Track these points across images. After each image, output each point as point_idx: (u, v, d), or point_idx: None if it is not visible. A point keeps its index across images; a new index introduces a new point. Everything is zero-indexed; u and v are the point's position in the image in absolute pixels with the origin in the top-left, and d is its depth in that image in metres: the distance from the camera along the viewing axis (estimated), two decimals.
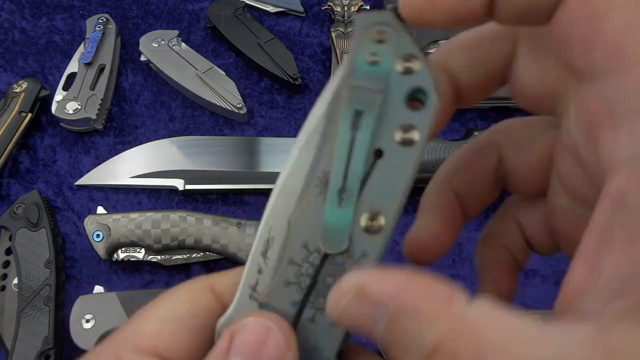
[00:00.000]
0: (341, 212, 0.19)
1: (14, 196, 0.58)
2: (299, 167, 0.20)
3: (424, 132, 0.19)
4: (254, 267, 0.20)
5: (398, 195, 0.19)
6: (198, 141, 0.60)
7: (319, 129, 0.20)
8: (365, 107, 0.19)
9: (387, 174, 0.19)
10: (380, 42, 0.19)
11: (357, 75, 0.19)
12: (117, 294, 0.48)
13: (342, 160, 0.19)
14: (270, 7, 0.72)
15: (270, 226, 0.20)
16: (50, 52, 0.69)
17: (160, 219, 0.51)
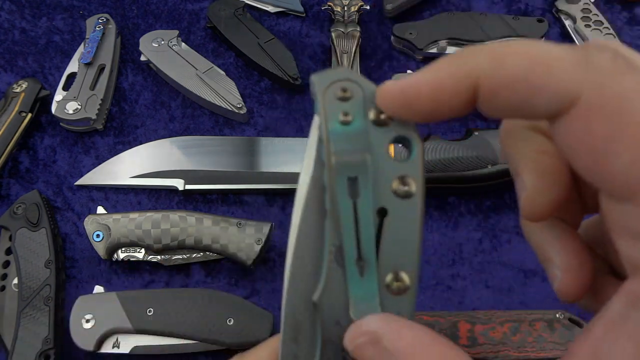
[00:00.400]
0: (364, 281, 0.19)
1: (14, 196, 0.58)
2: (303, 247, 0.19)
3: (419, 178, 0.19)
4: (288, 355, 0.20)
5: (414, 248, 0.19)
6: (198, 141, 0.60)
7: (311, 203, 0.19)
8: (357, 172, 0.18)
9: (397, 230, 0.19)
10: (345, 99, 0.19)
11: (335, 139, 0.19)
12: (117, 294, 0.48)
13: (350, 230, 0.18)
14: (270, 7, 0.71)
15: (293, 312, 0.20)
16: (50, 52, 0.69)
17: (160, 219, 0.51)
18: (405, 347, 0.17)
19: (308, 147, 0.20)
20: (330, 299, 0.19)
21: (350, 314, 0.19)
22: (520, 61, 0.17)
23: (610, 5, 0.71)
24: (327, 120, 0.19)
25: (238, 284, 0.53)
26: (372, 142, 0.19)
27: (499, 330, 0.46)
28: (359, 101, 0.19)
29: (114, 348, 0.47)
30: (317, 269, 0.19)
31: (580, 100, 0.16)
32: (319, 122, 0.19)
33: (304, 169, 0.20)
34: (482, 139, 0.55)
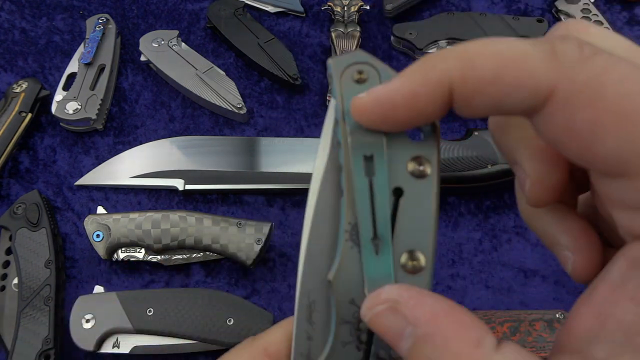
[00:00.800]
0: (380, 260, 0.19)
1: (14, 196, 0.58)
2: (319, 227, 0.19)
3: (434, 159, 0.19)
4: (302, 335, 0.19)
5: (429, 228, 0.19)
6: (198, 141, 0.60)
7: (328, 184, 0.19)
8: (373, 150, 0.19)
9: (413, 210, 0.19)
10: (361, 82, 0.19)
11: (349, 121, 0.19)
12: (117, 294, 0.48)
13: (366, 208, 0.19)
14: (270, 7, 0.71)
15: (308, 291, 0.20)
16: (50, 52, 0.69)
17: (160, 219, 0.51)
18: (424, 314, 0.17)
19: (324, 129, 0.20)
20: (345, 278, 0.19)
21: (365, 292, 0.19)
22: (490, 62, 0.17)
23: (610, 5, 0.71)
24: (343, 102, 0.19)
25: (238, 284, 0.53)
26: None
27: (499, 330, 0.46)
28: (375, 83, 0.19)
29: (114, 348, 0.47)
30: (332, 249, 0.19)
31: (555, 93, 0.17)
32: (335, 104, 0.19)
33: (320, 150, 0.20)
34: (482, 139, 0.55)
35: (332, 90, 0.20)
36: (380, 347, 0.19)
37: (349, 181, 0.19)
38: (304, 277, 0.20)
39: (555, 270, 0.52)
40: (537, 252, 0.53)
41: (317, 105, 0.63)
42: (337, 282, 0.19)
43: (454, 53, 0.18)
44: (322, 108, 0.63)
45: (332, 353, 0.19)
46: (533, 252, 0.53)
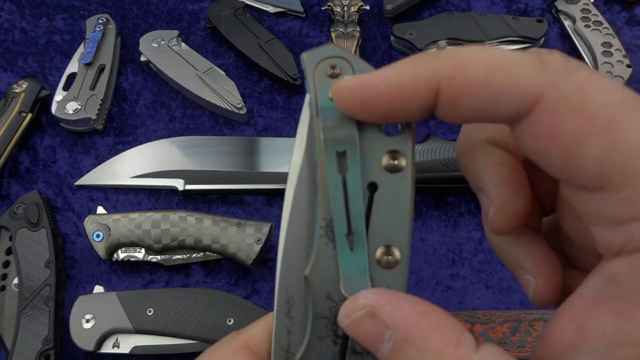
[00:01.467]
0: (354, 255, 0.19)
1: (14, 196, 0.58)
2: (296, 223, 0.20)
3: (409, 153, 0.19)
4: (281, 330, 0.20)
5: (404, 222, 0.19)
6: (198, 141, 0.60)
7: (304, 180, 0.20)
8: (346, 146, 0.19)
9: (387, 205, 0.19)
10: (335, 76, 0.19)
11: (325, 115, 0.19)
12: (117, 294, 0.48)
13: (340, 204, 0.19)
14: (270, 7, 0.72)
15: (286, 286, 0.20)
16: (50, 52, 0.69)
17: (160, 219, 0.51)
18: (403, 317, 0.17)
19: (300, 126, 0.20)
20: (321, 273, 0.19)
21: (341, 287, 0.19)
22: (481, 66, 0.17)
23: (609, 6, 0.71)
24: (317, 97, 0.19)
25: (238, 284, 0.53)
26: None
27: (499, 330, 0.46)
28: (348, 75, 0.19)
29: (114, 348, 0.47)
30: (309, 245, 0.19)
31: (541, 101, 0.17)
32: (310, 99, 0.19)
33: (296, 147, 0.20)
34: None
35: (306, 85, 0.20)
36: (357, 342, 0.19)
37: (322, 177, 0.19)
38: (282, 273, 0.20)
39: None
40: None
41: None
42: (313, 278, 0.19)
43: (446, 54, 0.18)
44: None
45: (309, 347, 0.19)
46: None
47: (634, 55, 0.66)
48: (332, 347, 0.19)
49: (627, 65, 0.62)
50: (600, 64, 0.63)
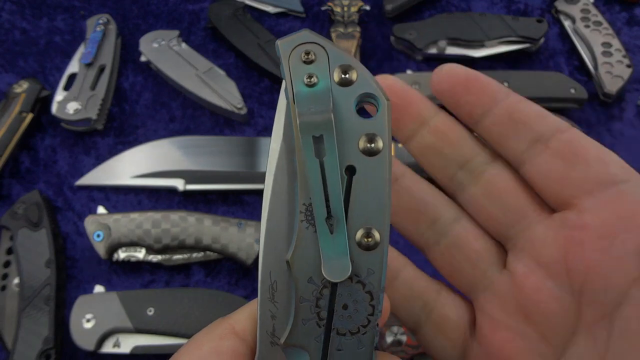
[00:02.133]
0: (335, 238, 0.19)
1: (15, 196, 0.58)
2: (276, 209, 0.20)
3: (386, 135, 0.19)
4: (266, 314, 0.20)
5: (383, 205, 0.19)
6: (198, 141, 0.60)
7: (283, 166, 0.20)
8: (322, 131, 0.19)
9: (365, 187, 0.19)
10: (309, 62, 0.19)
11: (300, 101, 0.19)
12: (117, 294, 0.48)
13: (318, 188, 0.19)
14: (271, 7, 0.72)
15: (269, 271, 0.20)
16: (50, 53, 0.69)
17: (160, 219, 0.51)
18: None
19: (277, 113, 0.20)
20: (303, 258, 0.19)
21: (322, 271, 0.19)
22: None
23: (609, 6, 0.71)
24: (292, 83, 0.19)
25: (238, 283, 0.53)
26: (338, 102, 0.19)
27: None
28: (323, 63, 0.19)
29: (114, 348, 0.47)
30: (289, 230, 0.20)
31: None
32: (285, 85, 0.19)
33: (274, 134, 0.20)
34: None
35: (282, 72, 0.20)
36: (340, 322, 0.19)
37: (300, 162, 0.19)
38: (265, 259, 0.20)
39: None
40: None
41: None
42: (294, 263, 0.19)
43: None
44: None
45: (294, 330, 0.19)
46: None
47: (634, 55, 0.66)
48: (316, 329, 0.19)
49: (627, 65, 0.63)
50: (600, 64, 0.63)
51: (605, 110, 0.63)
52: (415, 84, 0.61)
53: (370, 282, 0.19)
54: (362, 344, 0.19)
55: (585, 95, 0.60)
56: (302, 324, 0.19)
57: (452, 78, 0.23)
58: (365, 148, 0.19)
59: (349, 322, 0.19)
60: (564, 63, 0.67)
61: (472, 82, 0.23)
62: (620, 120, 0.62)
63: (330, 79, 0.19)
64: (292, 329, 0.19)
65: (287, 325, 0.20)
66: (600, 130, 0.61)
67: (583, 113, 0.62)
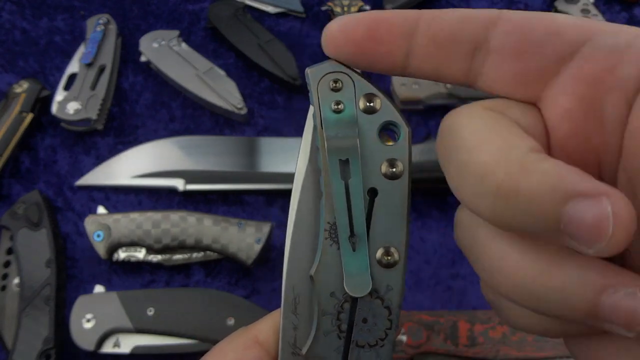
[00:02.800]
0: (356, 256, 0.20)
1: (15, 196, 0.58)
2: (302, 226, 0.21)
3: (406, 161, 0.20)
4: (288, 326, 0.21)
5: (402, 225, 0.20)
6: (198, 141, 0.60)
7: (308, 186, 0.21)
8: (348, 155, 0.20)
9: (386, 209, 0.20)
10: (337, 90, 0.21)
11: (328, 126, 0.20)
12: (118, 294, 0.48)
13: (343, 209, 0.20)
14: (271, 7, 0.72)
15: (292, 285, 0.21)
16: (50, 53, 0.69)
17: (160, 219, 0.51)
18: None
19: (304, 135, 0.21)
20: (326, 273, 0.20)
21: (344, 286, 0.20)
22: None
23: (609, 6, 0.71)
24: (321, 109, 0.20)
25: (238, 284, 0.53)
26: (362, 128, 0.20)
27: (499, 330, 0.46)
28: (349, 91, 0.21)
29: (114, 348, 0.47)
30: (313, 246, 0.21)
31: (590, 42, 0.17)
32: (314, 111, 0.21)
33: (301, 155, 0.21)
34: None
35: (311, 98, 0.21)
36: (359, 335, 0.20)
37: (327, 184, 0.20)
38: (289, 273, 0.21)
39: None
40: None
41: None
42: (318, 277, 0.20)
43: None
44: None
45: (315, 341, 0.21)
46: None
47: None
48: (337, 341, 0.21)
49: None
50: None
51: None
52: (415, 84, 0.61)
53: (389, 298, 0.20)
54: (379, 357, 0.20)
55: None
56: (323, 335, 0.21)
57: (350, 37, 0.19)
58: (387, 172, 0.20)
59: (368, 335, 0.20)
60: None
61: (376, 31, 0.19)
62: None
63: (355, 107, 0.20)
64: (314, 340, 0.21)
65: (309, 336, 0.21)
66: None
67: None
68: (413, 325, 0.46)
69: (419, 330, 0.46)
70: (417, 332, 0.46)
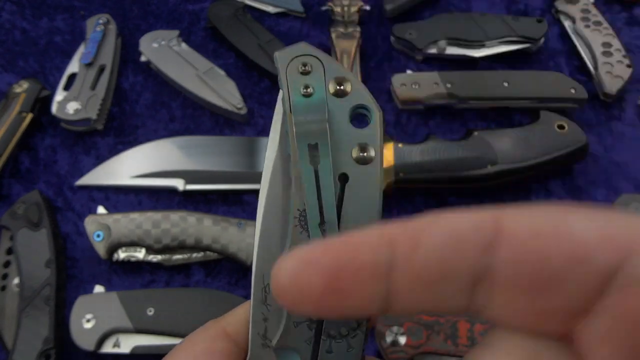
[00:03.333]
0: None
1: (15, 196, 0.58)
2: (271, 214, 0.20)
3: (377, 145, 0.20)
4: (258, 316, 0.21)
5: (374, 211, 0.20)
6: (198, 141, 0.60)
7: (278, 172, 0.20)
8: (317, 139, 0.19)
9: (357, 195, 0.20)
10: (306, 73, 0.20)
11: (297, 110, 0.20)
12: (117, 294, 0.48)
13: (312, 195, 0.19)
14: (271, 7, 0.72)
15: (262, 274, 0.21)
16: (50, 53, 0.69)
17: (160, 219, 0.51)
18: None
19: (274, 121, 0.21)
20: None
21: None
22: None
23: (609, 6, 0.71)
24: (290, 93, 0.20)
25: (238, 284, 0.53)
26: (333, 112, 0.20)
27: None
28: (319, 74, 0.20)
29: (114, 348, 0.47)
30: (284, 234, 0.20)
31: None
32: (282, 95, 0.20)
33: (270, 141, 0.21)
34: (482, 139, 0.55)
35: (280, 83, 0.20)
36: (331, 325, 0.20)
37: (296, 170, 0.20)
38: (258, 262, 0.21)
39: None
40: None
41: None
42: None
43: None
44: None
45: (286, 332, 0.20)
46: None
47: (634, 55, 0.66)
48: (308, 332, 0.20)
49: (627, 66, 0.63)
50: (600, 64, 0.63)
51: (605, 110, 0.63)
52: (415, 84, 0.61)
53: None
54: (351, 347, 0.20)
55: (585, 95, 0.60)
56: (293, 326, 0.20)
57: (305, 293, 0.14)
58: (358, 157, 0.20)
59: (339, 325, 0.20)
60: (564, 63, 0.67)
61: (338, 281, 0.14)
62: (620, 120, 0.62)
63: (325, 90, 0.20)
64: (284, 331, 0.20)
65: (279, 327, 0.20)
66: (600, 130, 0.61)
67: (583, 113, 0.62)
68: (413, 325, 0.46)
69: (419, 330, 0.46)
70: (417, 332, 0.46)
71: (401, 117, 0.62)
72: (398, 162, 0.54)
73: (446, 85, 0.61)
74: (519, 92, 0.61)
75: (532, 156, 0.54)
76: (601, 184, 0.57)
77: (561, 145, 0.55)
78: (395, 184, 0.53)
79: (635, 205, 0.52)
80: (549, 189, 0.57)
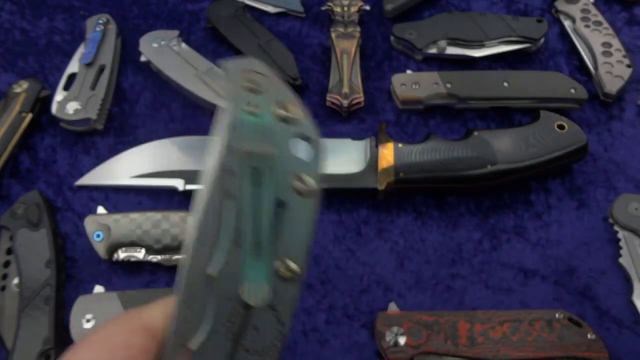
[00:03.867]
0: (258, 265, 0.20)
1: (15, 196, 0.58)
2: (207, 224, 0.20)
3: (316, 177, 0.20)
4: (181, 319, 0.21)
5: (304, 242, 0.20)
6: (198, 141, 0.60)
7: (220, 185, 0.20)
8: (261, 163, 0.20)
9: (291, 223, 0.20)
10: (254, 91, 0.20)
11: (242, 129, 0.20)
12: (117, 294, 0.48)
13: (250, 216, 0.20)
14: (270, 7, 0.72)
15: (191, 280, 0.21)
16: (50, 53, 0.69)
17: (160, 219, 0.51)
18: None
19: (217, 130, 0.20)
20: (226, 276, 0.20)
21: (241, 292, 0.20)
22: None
23: (609, 6, 0.71)
24: (234, 109, 0.20)
25: None
26: (277, 136, 0.20)
27: (499, 330, 0.46)
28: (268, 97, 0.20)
29: None
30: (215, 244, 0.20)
31: None
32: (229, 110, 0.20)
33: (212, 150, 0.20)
34: (482, 139, 0.55)
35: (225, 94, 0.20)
36: (248, 341, 0.21)
37: (237, 188, 0.20)
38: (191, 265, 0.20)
39: (555, 270, 0.52)
40: (537, 252, 0.53)
41: (317, 105, 0.64)
42: (217, 278, 0.20)
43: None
44: (322, 108, 0.63)
45: (206, 340, 0.20)
46: (533, 252, 0.53)
47: (634, 55, 0.66)
48: (225, 343, 0.21)
49: (627, 65, 0.63)
50: (600, 64, 0.63)
51: (605, 110, 0.63)
52: (415, 84, 0.61)
53: (282, 310, 0.21)
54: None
55: (585, 95, 0.60)
56: (213, 334, 0.20)
57: None
58: (297, 187, 0.20)
59: (256, 342, 0.21)
60: (564, 63, 0.67)
61: None
62: (620, 120, 0.62)
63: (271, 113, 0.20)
64: (204, 337, 0.20)
65: (199, 332, 0.20)
66: (600, 130, 0.61)
67: (583, 113, 0.62)
68: (413, 325, 0.46)
69: (419, 331, 0.46)
70: (417, 332, 0.46)
71: (401, 117, 0.62)
72: (398, 162, 0.54)
73: (446, 85, 0.61)
74: (519, 92, 0.61)
75: (532, 156, 0.54)
76: (601, 183, 0.57)
77: (561, 145, 0.55)
78: (395, 184, 0.53)
79: (635, 205, 0.52)
80: (549, 189, 0.57)
